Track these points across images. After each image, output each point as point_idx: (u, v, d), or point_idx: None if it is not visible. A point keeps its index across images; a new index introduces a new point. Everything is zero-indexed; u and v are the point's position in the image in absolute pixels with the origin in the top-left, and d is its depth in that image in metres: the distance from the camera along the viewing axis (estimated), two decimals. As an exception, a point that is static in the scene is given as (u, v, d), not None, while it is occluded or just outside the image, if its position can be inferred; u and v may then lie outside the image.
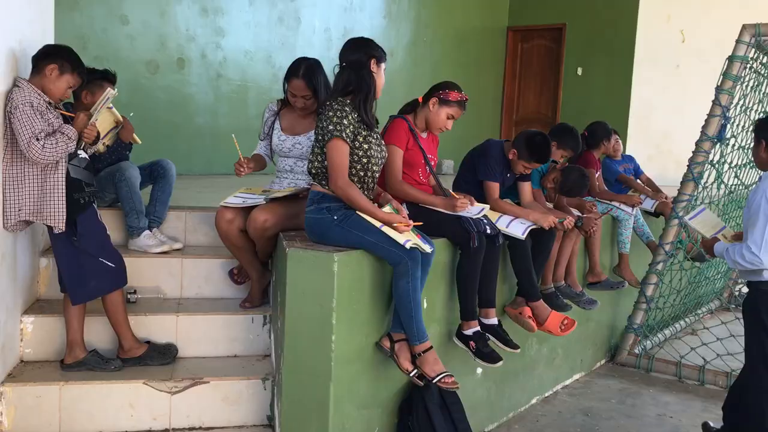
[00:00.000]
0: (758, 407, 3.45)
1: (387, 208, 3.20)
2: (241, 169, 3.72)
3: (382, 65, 3.19)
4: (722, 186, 5.59)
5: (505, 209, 3.87)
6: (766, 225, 3.25)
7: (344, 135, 3.01)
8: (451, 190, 3.73)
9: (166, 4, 6.84)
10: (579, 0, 9.72)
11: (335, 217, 3.07)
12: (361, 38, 3.25)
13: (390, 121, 3.63)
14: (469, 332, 3.52)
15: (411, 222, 3.12)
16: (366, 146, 3.10)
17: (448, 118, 3.56)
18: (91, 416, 3.36)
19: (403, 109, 3.71)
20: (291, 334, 3.05)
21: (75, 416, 3.34)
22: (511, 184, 4.11)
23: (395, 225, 3.05)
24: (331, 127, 3.02)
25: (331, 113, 3.04)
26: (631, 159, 5.87)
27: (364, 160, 3.11)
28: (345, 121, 3.02)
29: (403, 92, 7.94)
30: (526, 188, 4.11)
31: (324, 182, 3.12)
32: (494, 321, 3.63)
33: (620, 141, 5.49)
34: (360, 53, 3.13)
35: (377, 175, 3.24)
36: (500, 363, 3.47)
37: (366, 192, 3.17)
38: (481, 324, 3.59)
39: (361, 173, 3.12)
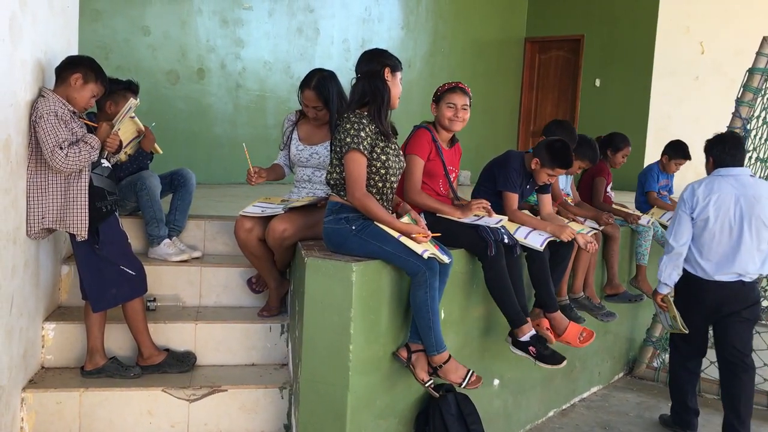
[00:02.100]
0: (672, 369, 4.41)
1: (405, 219, 3.21)
2: (252, 179, 3.76)
3: (398, 74, 3.19)
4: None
5: (524, 220, 3.87)
6: (676, 216, 4.03)
7: (362, 147, 3.03)
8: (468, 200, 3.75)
9: (187, 16, 6.92)
10: (597, 11, 9.71)
11: (353, 228, 3.08)
12: (376, 49, 3.27)
13: (414, 131, 3.65)
14: (525, 338, 3.51)
15: (429, 233, 3.13)
16: (384, 157, 3.12)
17: (448, 108, 3.61)
18: (110, 423, 3.39)
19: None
20: (308, 344, 3.06)
21: (94, 423, 3.38)
22: (529, 196, 4.13)
23: (413, 236, 3.06)
24: (348, 140, 3.04)
25: (348, 125, 3.06)
26: (672, 177, 5.82)
27: (383, 171, 3.13)
28: (362, 134, 3.04)
29: (420, 103, 7.99)
30: (546, 200, 4.12)
31: (342, 193, 3.14)
32: (531, 333, 3.60)
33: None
34: (374, 63, 3.15)
35: (395, 185, 3.26)
36: (564, 363, 3.48)
37: (384, 203, 3.18)
38: (537, 335, 3.58)
39: (380, 184, 3.14)
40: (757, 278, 4.07)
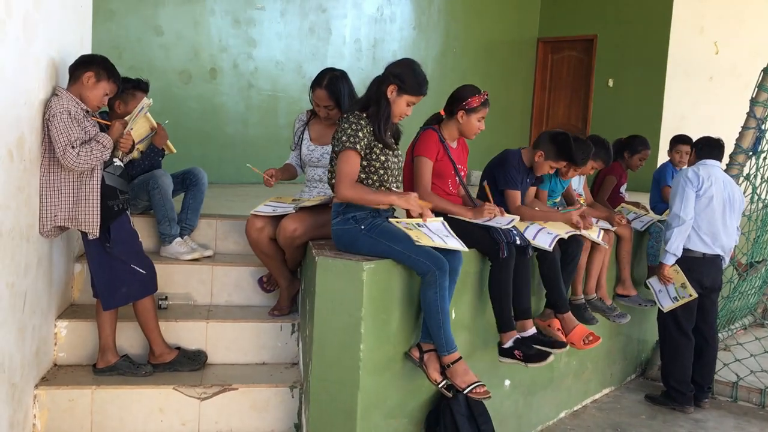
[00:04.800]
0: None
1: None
2: (271, 180, 3.80)
3: (405, 97, 3.13)
4: (757, 200, 5.50)
5: (531, 214, 3.87)
6: (682, 193, 4.44)
7: (358, 147, 3.05)
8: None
9: (200, 15, 6.94)
10: (610, 11, 9.66)
11: (362, 227, 3.09)
12: (404, 61, 3.22)
13: (420, 133, 3.64)
14: (509, 344, 3.50)
15: (423, 206, 3.12)
16: (383, 158, 3.14)
17: (479, 122, 3.61)
18: (121, 420, 3.40)
19: (428, 122, 3.72)
20: (319, 343, 3.06)
21: (106, 420, 3.39)
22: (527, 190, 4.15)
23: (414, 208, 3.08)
24: (344, 138, 3.06)
25: (346, 125, 3.08)
26: None
27: (381, 172, 3.14)
28: (360, 134, 3.06)
29: (431, 103, 7.96)
30: (543, 196, 4.23)
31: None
32: (533, 331, 3.61)
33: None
34: (387, 74, 3.15)
35: (394, 187, 3.25)
36: (551, 358, 3.47)
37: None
38: (521, 338, 3.57)
39: (377, 184, 3.15)
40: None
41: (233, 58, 7.22)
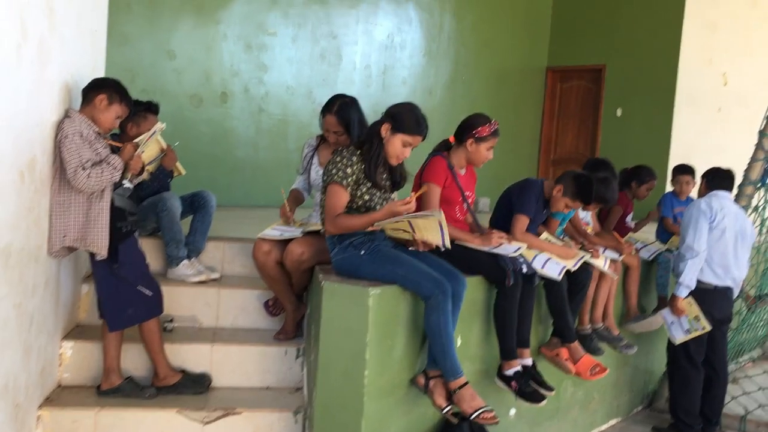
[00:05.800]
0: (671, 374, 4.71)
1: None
2: (288, 215, 3.85)
3: (400, 136, 3.13)
4: (765, 232, 5.47)
5: (532, 242, 3.84)
6: (696, 225, 4.36)
7: (344, 183, 3.08)
8: (488, 227, 3.74)
9: (212, 40, 7.03)
10: (619, 41, 9.70)
11: (362, 252, 3.10)
12: (404, 102, 3.27)
13: (428, 159, 3.66)
14: (510, 372, 3.48)
15: (410, 203, 3.03)
16: (367, 197, 3.15)
17: (488, 150, 3.61)
18: (124, 443, 3.38)
19: (436, 148, 3.74)
20: (324, 368, 3.05)
21: (109, 442, 3.37)
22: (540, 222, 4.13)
23: (397, 210, 2.99)
24: (334, 171, 3.10)
25: (338, 158, 3.12)
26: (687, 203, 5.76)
27: (363, 210, 3.16)
28: (348, 170, 3.09)
29: (440, 130, 7.98)
30: (553, 224, 4.19)
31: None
32: (529, 361, 3.59)
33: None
34: (385, 114, 3.18)
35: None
36: (543, 402, 3.43)
37: None
38: (522, 372, 3.55)
39: None
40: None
41: (244, 83, 7.29)
